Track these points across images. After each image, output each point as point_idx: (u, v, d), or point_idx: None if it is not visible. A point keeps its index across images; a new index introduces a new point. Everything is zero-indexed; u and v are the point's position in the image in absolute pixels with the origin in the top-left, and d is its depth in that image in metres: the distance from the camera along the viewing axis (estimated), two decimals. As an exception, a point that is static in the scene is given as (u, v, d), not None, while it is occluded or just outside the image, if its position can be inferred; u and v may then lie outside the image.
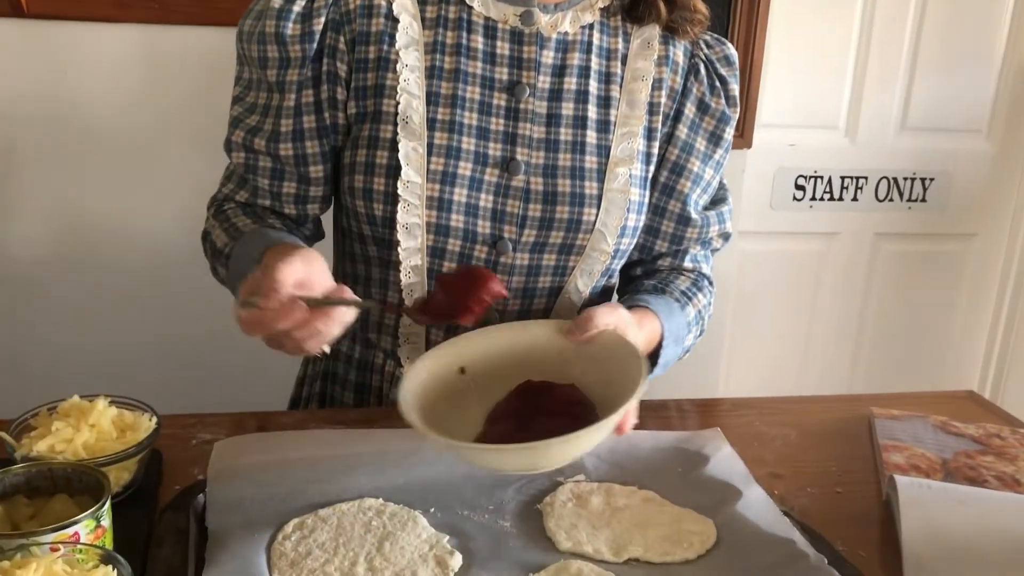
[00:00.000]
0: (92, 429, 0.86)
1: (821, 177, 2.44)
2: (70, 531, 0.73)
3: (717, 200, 1.19)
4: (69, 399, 0.89)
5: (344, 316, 0.83)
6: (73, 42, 1.78)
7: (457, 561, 0.81)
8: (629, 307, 1.04)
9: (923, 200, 2.51)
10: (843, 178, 2.45)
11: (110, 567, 0.69)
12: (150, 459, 0.93)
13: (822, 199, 2.46)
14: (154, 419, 0.91)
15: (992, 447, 1.06)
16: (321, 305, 0.81)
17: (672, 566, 0.83)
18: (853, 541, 0.89)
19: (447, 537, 0.84)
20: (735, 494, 0.92)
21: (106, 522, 0.77)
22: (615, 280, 1.21)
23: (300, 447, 0.97)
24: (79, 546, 0.72)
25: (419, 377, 0.89)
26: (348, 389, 1.18)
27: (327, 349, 0.84)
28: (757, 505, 0.91)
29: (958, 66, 2.39)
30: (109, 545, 0.77)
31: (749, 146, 2.19)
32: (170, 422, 1.00)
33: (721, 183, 1.19)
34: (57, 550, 0.70)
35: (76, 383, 0.96)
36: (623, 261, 1.16)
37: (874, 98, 2.37)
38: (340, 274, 1.18)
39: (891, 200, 2.50)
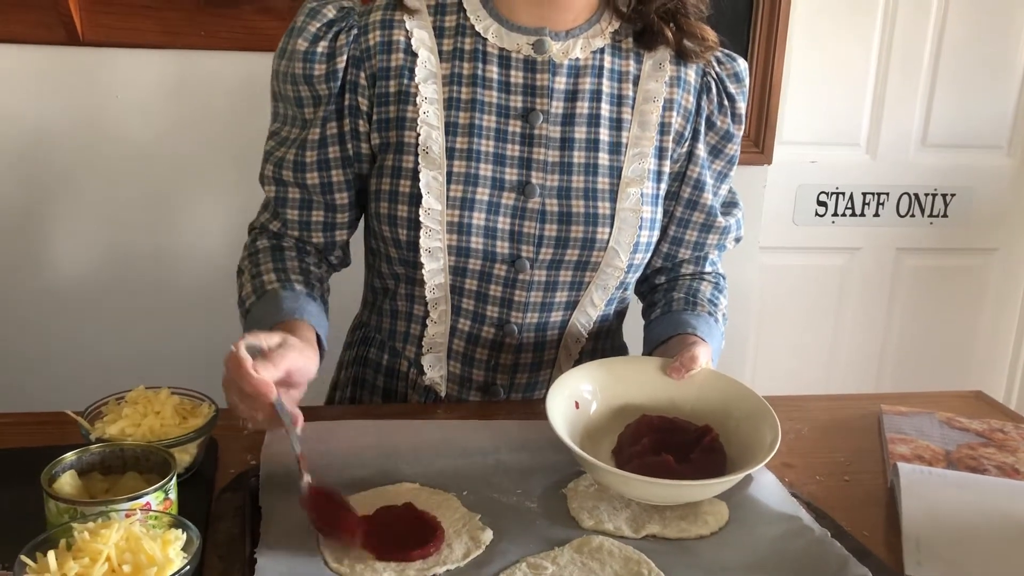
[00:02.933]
0: (157, 415, 0.95)
1: (843, 193, 2.49)
2: (143, 500, 0.81)
3: (731, 205, 1.26)
4: (135, 389, 0.98)
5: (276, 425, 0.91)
6: (124, 68, 1.87)
7: (488, 536, 0.89)
8: (678, 334, 1.14)
9: (944, 215, 2.55)
10: (865, 194, 2.50)
11: (180, 530, 0.78)
12: (208, 446, 1.02)
13: (844, 215, 2.51)
14: (213, 407, 0.99)
15: (994, 440, 1.12)
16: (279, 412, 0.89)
17: (687, 541, 0.90)
18: (858, 522, 0.95)
19: (479, 516, 0.92)
20: (747, 480, 0.98)
21: (172, 496, 0.85)
22: (630, 292, 1.28)
23: (342, 437, 1.05)
24: (152, 513, 0.80)
25: (559, 411, 0.99)
26: (376, 394, 1.26)
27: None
28: (767, 488, 0.97)
29: (978, 82, 2.43)
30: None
31: (769, 162, 2.24)
32: (224, 415, 1.08)
33: (731, 190, 1.26)
34: (131, 516, 0.78)
35: (135, 381, 1.04)
36: (638, 274, 1.22)
37: (895, 115, 2.41)
38: (371, 288, 1.27)
39: (913, 216, 2.54)
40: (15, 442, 1.01)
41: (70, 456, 0.86)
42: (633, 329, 1.30)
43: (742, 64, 1.21)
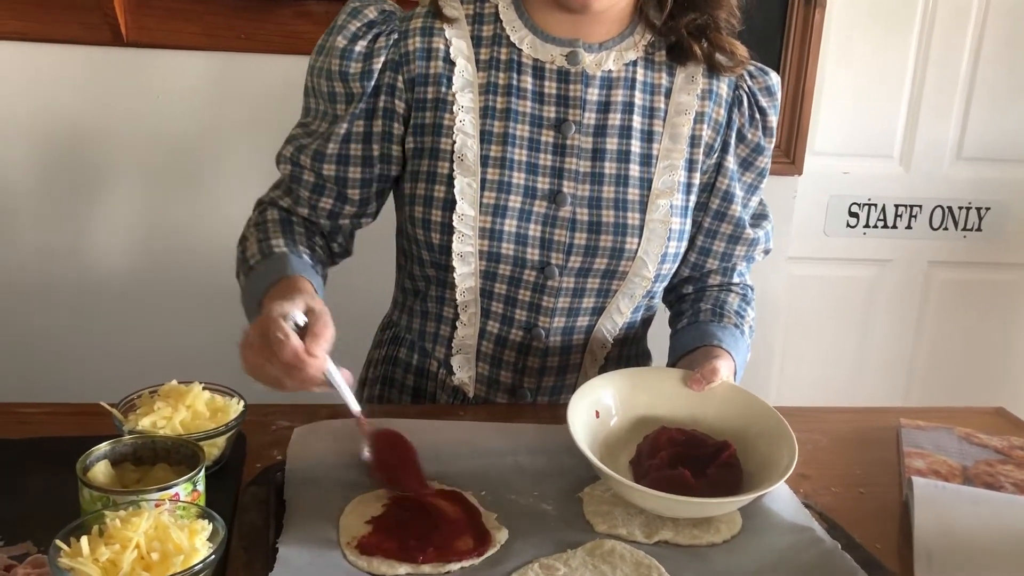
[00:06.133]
0: (188, 409, 0.98)
1: (875, 205, 2.47)
2: (171, 491, 0.85)
3: (760, 217, 1.27)
4: (168, 383, 1.01)
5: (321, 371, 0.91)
6: (165, 68, 1.92)
7: (504, 535, 0.91)
8: (704, 345, 1.15)
9: (978, 229, 2.53)
10: (897, 206, 2.48)
11: (206, 521, 0.81)
12: (236, 440, 1.05)
13: (876, 226, 2.49)
14: (242, 403, 1.02)
15: (1013, 457, 1.12)
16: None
17: (699, 548, 0.92)
18: (871, 535, 0.95)
19: (495, 515, 0.94)
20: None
21: (200, 487, 0.89)
22: (657, 300, 1.29)
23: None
24: (180, 503, 0.84)
25: (580, 419, 1.01)
26: (405, 393, 1.28)
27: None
28: (781, 499, 0.99)
29: (1016, 95, 2.40)
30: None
31: (800, 173, 2.24)
32: (253, 410, 1.11)
33: (761, 202, 1.27)
34: (161, 505, 0.82)
35: (168, 375, 1.08)
36: (665, 283, 1.24)
37: (929, 126, 2.39)
38: (401, 289, 1.29)
39: (946, 229, 2.52)
40: (53, 431, 1.05)
41: (104, 446, 0.90)
42: (660, 336, 1.32)
43: (774, 78, 1.22)
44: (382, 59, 1.12)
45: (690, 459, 0.98)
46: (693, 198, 1.20)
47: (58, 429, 1.05)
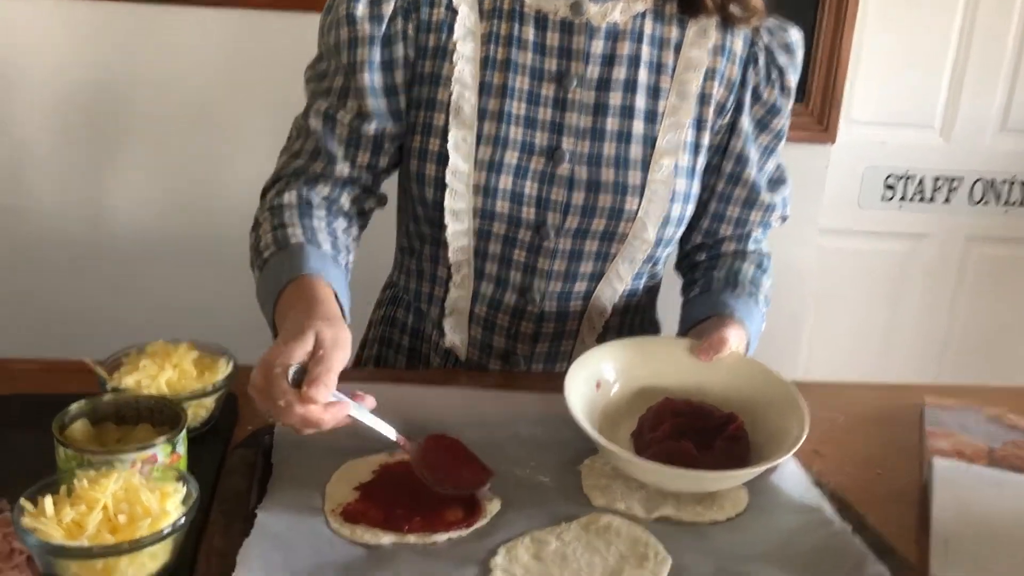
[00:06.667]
0: (175, 368, 0.95)
1: (912, 177, 2.39)
2: (149, 452, 0.82)
3: (777, 182, 1.21)
4: (156, 341, 0.98)
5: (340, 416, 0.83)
6: (187, 25, 1.90)
7: (495, 506, 0.87)
8: (716, 315, 1.09)
9: (1022, 204, 2.43)
10: (936, 179, 2.40)
11: (181, 483, 0.77)
12: (227, 402, 1.02)
13: (912, 199, 2.41)
14: (231, 363, 0.99)
15: (1044, 440, 1.06)
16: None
17: (701, 526, 0.87)
18: (887, 519, 0.90)
19: (488, 485, 0.90)
20: (771, 468, 0.94)
21: (181, 449, 0.85)
22: (661, 268, 1.24)
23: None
24: (157, 466, 0.81)
25: (578, 390, 0.96)
26: (401, 354, 1.25)
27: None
28: (791, 477, 0.93)
29: (1067, 64, 2.31)
30: (183, 469, 0.85)
31: (833, 141, 2.16)
32: (248, 373, 1.08)
33: (779, 166, 1.21)
34: (136, 467, 0.79)
35: (180, 335, 1.04)
36: (668, 250, 1.18)
37: (973, 97, 2.30)
38: (399, 247, 1.26)
39: (986, 203, 2.43)
40: (42, 387, 1.03)
41: (83, 404, 0.87)
42: (670, 308, 1.26)
43: (795, 34, 1.15)
44: (392, 5, 1.07)
45: (695, 431, 0.93)
46: (702, 159, 1.14)
47: (48, 386, 1.03)
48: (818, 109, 2.11)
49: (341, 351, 0.84)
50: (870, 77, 2.24)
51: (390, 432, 0.88)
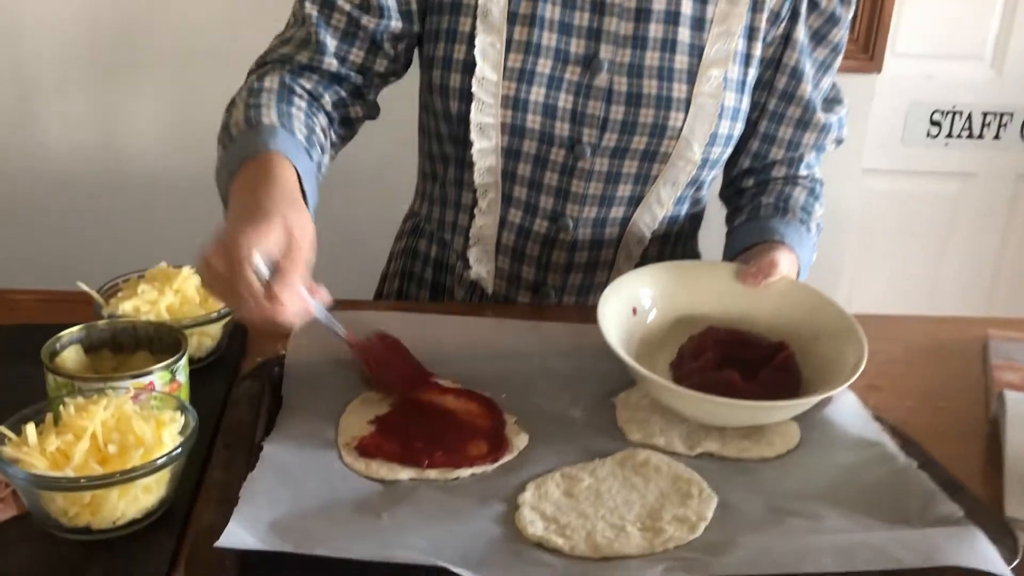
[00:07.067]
0: (176, 294, 0.89)
1: (960, 112, 2.27)
2: (146, 380, 0.75)
3: (833, 102, 1.11)
4: (156, 266, 0.92)
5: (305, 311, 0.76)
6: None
7: (523, 440, 0.80)
8: (764, 241, 1.01)
9: (1076, 140, 2.31)
10: (985, 114, 2.27)
11: (179, 413, 0.71)
12: (235, 333, 0.95)
13: (960, 136, 2.29)
14: (237, 289, 0.92)
15: (1123, 373, 0.97)
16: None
17: (748, 463, 0.79)
18: (951, 455, 0.81)
19: (515, 418, 0.83)
20: (824, 401, 0.86)
21: (181, 378, 0.79)
22: (705, 192, 1.15)
23: (385, 328, 0.96)
24: (155, 394, 0.74)
25: (613, 316, 0.89)
26: (424, 287, 1.18)
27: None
28: (847, 410, 0.85)
29: None
30: (184, 399, 0.78)
31: (879, 71, 2.04)
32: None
33: (834, 84, 1.11)
34: (131, 395, 0.72)
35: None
36: (714, 171, 1.10)
37: (1028, 25, 2.18)
38: (421, 173, 1.18)
39: (1039, 140, 2.31)
40: (41, 318, 0.96)
41: (75, 330, 0.81)
42: (713, 240, 1.17)
43: None
44: None
45: (740, 361, 0.85)
46: (753, 72, 1.05)
47: (47, 317, 0.97)
48: (863, 36, 1.98)
49: (310, 244, 0.75)
50: (915, 4, 2.11)
51: (340, 330, 0.83)
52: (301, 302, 0.73)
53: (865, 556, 0.63)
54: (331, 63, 1.00)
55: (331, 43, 1.00)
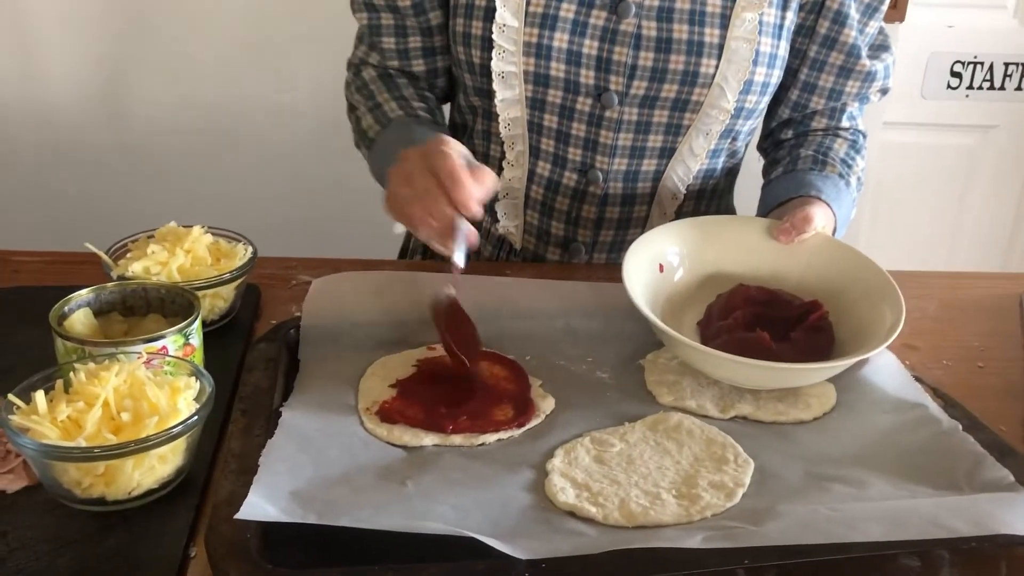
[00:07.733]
0: (187, 254, 0.85)
1: (981, 63, 2.21)
2: (158, 344, 0.72)
3: (880, 48, 1.06)
4: (166, 225, 0.88)
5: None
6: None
7: (549, 405, 0.77)
8: (800, 196, 0.97)
9: (1100, 91, 2.25)
10: (1007, 64, 2.21)
11: (194, 378, 0.68)
12: (248, 294, 0.92)
13: (981, 88, 2.23)
14: (249, 249, 0.89)
15: None
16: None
17: (783, 426, 0.76)
18: (993, 416, 0.79)
19: (540, 382, 0.80)
20: (862, 362, 0.83)
21: (195, 341, 0.76)
22: (741, 143, 1.11)
23: (400, 288, 0.93)
24: (168, 358, 0.71)
25: (639, 273, 0.86)
26: None
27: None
28: (886, 370, 0.82)
29: None
30: (199, 363, 0.75)
31: (902, 19, 1.99)
32: (271, 263, 0.99)
33: (881, 29, 1.06)
34: (143, 359, 0.69)
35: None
36: (750, 121, 1.05)
37: (1053, -29, 2.11)
38: (451, 125, 1.14)
39: (1063, 91, 2.25)
40: (46, 281, 0.94)
41: (84, 293, 0.78)
42: (750, 196, 1.13)
43: None
44: None
45: (771, 321, 0.82)
46: (791, 16, 1.00)
47: (52, 279, 0.94)
48: (887, -17, 1.92)
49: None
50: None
51: (461, 259, 0.81)
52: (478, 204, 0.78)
53: (917, 525, 0.60)
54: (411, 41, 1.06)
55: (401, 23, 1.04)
